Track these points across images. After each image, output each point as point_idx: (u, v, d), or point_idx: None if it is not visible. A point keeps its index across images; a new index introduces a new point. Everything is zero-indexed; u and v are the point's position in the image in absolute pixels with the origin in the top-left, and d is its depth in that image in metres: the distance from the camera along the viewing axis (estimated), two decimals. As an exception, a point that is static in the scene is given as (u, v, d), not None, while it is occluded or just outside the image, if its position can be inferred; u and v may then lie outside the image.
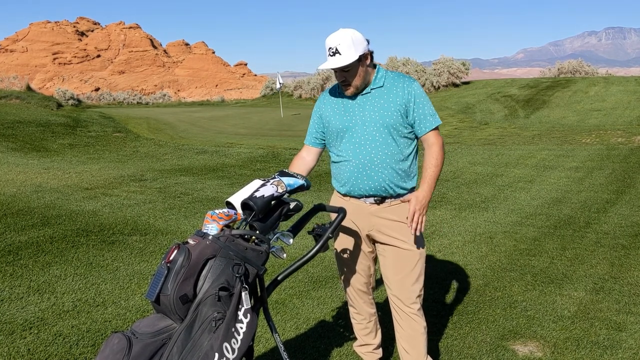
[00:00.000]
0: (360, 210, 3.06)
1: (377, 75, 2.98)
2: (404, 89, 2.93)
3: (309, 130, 3.25)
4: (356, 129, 2.97)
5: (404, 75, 3.04)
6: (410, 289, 3.05)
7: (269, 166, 10.89)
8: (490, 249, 5.82)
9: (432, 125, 2.96)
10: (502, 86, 26.25)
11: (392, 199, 3.02)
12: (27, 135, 13.49)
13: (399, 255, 3.04)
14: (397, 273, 3.06)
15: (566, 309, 4.31)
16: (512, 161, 11.28)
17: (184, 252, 2.41)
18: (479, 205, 7.70)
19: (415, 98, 2.94)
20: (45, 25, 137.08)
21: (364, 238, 3.13)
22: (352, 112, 2.99)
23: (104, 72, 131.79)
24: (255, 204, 2.54)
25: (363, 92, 2.97)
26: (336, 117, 3.03)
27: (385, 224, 3.03)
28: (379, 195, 3.00)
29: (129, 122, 17.87)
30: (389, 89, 2.96)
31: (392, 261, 3.07)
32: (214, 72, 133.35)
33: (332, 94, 3.14)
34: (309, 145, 3.23)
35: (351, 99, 3.02)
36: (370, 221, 3.06)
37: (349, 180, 3.03)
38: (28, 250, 5.53)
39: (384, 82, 2.96)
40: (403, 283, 3.05)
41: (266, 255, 2.56)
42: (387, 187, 2.98)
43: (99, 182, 8.89)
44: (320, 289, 4.72)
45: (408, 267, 3.04)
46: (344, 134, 3.01)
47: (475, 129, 17.13)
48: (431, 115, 2.96)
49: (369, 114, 2.95)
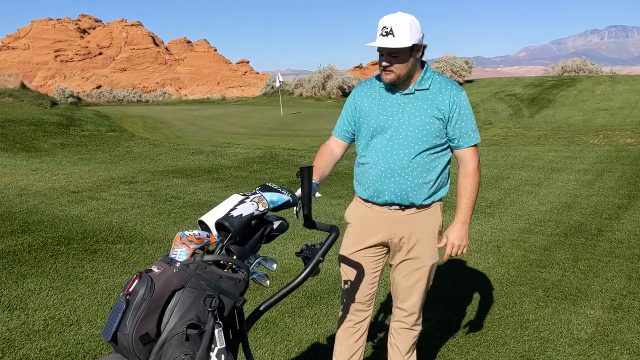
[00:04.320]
0: (382, 218, 2.79)
1: (424, 76, 2.68)
2: (451, 97, 2.65)
3: (339, 122, 2.94)
4: (391, 131, 2.68)
5: (452, 82, 2.75)
6: (417, 299, 2.89)
7: (266, 167, 10.52)
8: (497, 259, 5.45)
9: (472, 142, 2.71)
10: (505, 85, 25.85)
11: (419, 207, 2.77)
12: (18, 135, 13.12)
13: (414, 266, 2.83)
14: (408, 280, 2.85)
15: (582, 329, 3.94)
16: (518, 163, 10.90)
17: (145, 282, 2.05)
18: (485, 211, 7.32)
19: (460, 109, 2.66)
20: (47, 22, 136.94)
21: (380, 245, 2.85)
22: (391, 111, 2.69)
23: (105, 70, 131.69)
24: (232, 225, 2.17)
25: (405, 91, 2.67)
26: (372, 113, 2.74)
27: (407, 232, 2.77)
28: (404, 204, 2.73)
29: (124, 120, 17.50)
30: (434, 94, 2.66)
31: (404, 270, 2.86)
32: (215, 69, 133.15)
33: (370, 87, 2.82)
34: (338, 138, 2.92)
35: (391, 96, 2.71)
36: (392, 229, 2.79)
37: (373, 185, 2.75)
38: (3, 260, 5.16)
39: (430, 85, 2.67)
40: (412, 291, 2.86)
41: (245, 284, 2.20)
42: (415, 196, 2.71)
43: (87, 184, 8.52)
44: (315, 306, 4.35)
45: (419, 276, 2.86)
46: (376, 134, 2.72)
47: (480, 128, 16.60)
48: (473, 131, 2.71)
49: (407, 116, 2.65)
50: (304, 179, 2.58)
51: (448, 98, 2.66)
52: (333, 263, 5.13)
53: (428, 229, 2.79)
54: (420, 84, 2.68)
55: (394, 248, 2.85)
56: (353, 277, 2.91)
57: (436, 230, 2.82)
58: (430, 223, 2.79)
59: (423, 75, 2.69)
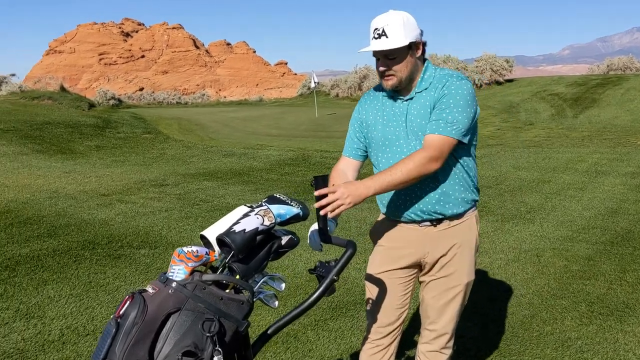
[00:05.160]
0: (413, 236, 2.52)
1: (424, 76, 2.41)
2: (443, 89, 2.34)
3: (347, 140, 2.67)
4: (400, 142, 2.43)
5: (452, 73, 2.41)
6: (450, 319, 2.59)
7: (298, 170, 10.33)
8: (537, 269, 5.11)
9: (441, 131, 2.30)
10: (548, 84, 25.04)
11: (451, 219, 2.49)
12: (55, 137, 13.27)
13: (447, 284, 2.55)
14: (440, 299, 2.57)
15: (631, 351, 3.61)
16: (561, 165, 10.42)
17: (137, 304, 1.86)
18: (524, 217, 6.96)
19: (448, 97, 2.33)
20: (92, 26, 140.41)
21: (411, 265, 2.58)
22: (395, 121, 2.44)
23: (147, 72, 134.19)
24: (233, 242, 1.97)
25: (406, 97, 2.41)
26: (378, 125, 2.49)
27: (441, 249, 2.50)
28: (433, 218, 2.47)
29: (160, 122, 17.57)
30: (433, 92, 2.39)
31: (436, 289, 2.58)
32: (254, 71, 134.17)
33: (373, 98, 2.58)
34: (349, 158, 2.65)
35: (394, 105, 2.45)
36: (424, 248, 2.52)
37: (393, 203, 2.50)
38: (27, 265, 5.10)
39: (430, 84, 2.39)
40: (443, 311, 2.57)
41: (249, 307, 2.00)
42: (442, 207, 2.45)
43: (118, 187, 8.48)
44: (340, 318, 4.12)
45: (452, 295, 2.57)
46: (386, 147, 2.47)
47: (520, 129, 16.22)
48: (450, 123, 2.31)
49: (410, 123, 2.40)
50: (318, 189, 2.36)
51: (442, 85, 2.36)
52: (361, 272, 4.89)
53: (464, 244, 2.51)
54: (420, 85, 2.41)
55: (425, 266, 2.59)
56: (379, 298, 2.65)
57: (473, 244, 2.55)
58: (467, 236, 2.52)
59: (423, 75, 2.42)
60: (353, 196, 2.20)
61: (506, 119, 18.02)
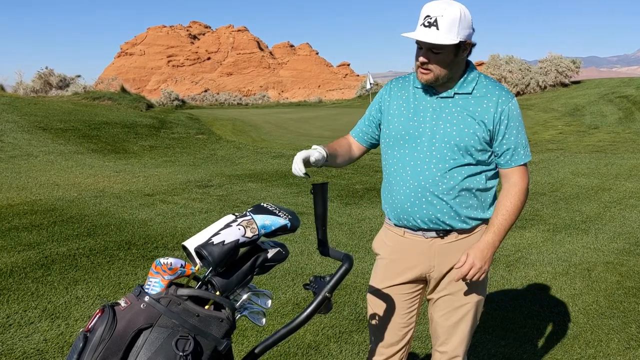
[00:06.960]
0: (418, 249, 2.33)
1: (467, 77, 2.20)
2: (498, 105, 2.15)
3: (359, 121, 2.53)
4: (422, 141, 2.22)
5: (501, 87, 2.22)
6: (461, 341, 2.41)
7: (345, 173, 10.15)
8: (586, 285, 4.75)
9: (521, 160, 2.22)
10: (617, 86, 23.82)
11: (459, 232, 2.30)
12: (111, 137, 13.60)
13: (456, 303, 2.36)
14: (449, 318, 2.39)
15: (683, 381, 3.25)
16: (624, 172, 9.80)
17: (106, 318, 1.75)
18: (579, 227, 6.53)
19: (509, 121, 2.16)
20: (161, 29, 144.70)
21: (416, 281, 2.39)
22: (423, 116, 2.23)
23: (213, 74, 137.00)
24: (210, 254, 1.83)
25: (443, 94, 2.20)
26: (400, 117, 2.28)
27: (448, 263, 2.31)
28: (441, 229, 2.27)
29: (214, 123, 17.76)
30: (477, 99, 2.18)
31: (444, 307, 2.39)
32: (317, 72, 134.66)
33: (402, 85, 2.38)
34: (354, 139, 2.54)
35: (426, 99, 2.25)
36: (430, 261, 2.33)
37: (401, 206, 2.30)
38: (62, 264, 5.15)
39: (474, 89, 2.19)
40: (453, 331, 2.38)
41: (228, 324, 1.85)
42: (453, 220, 2.25)
43: (163, 187, 8.55)
44: (365, 331, 3.92)
45: (462, 314, 2.38)
46: (404, 143, 2.26)
47: (584, 133, 15.45)
48: (523, 147, 2.21)
49: (443, 124, 2.19)
50: (317, 197, 2.21)
51: (494, 106, 2.16)
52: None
53: None
54: (462, 86, 2.20)
55: (431, 282, 2.38)
56: (382, 316, 2.47)
57: None
58: None
59: (466, 76, 2.20)
60: (487, 262, 2.21)
61: (569, 123, 17.23)
